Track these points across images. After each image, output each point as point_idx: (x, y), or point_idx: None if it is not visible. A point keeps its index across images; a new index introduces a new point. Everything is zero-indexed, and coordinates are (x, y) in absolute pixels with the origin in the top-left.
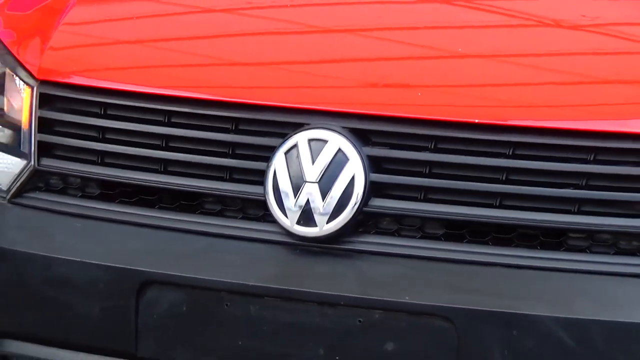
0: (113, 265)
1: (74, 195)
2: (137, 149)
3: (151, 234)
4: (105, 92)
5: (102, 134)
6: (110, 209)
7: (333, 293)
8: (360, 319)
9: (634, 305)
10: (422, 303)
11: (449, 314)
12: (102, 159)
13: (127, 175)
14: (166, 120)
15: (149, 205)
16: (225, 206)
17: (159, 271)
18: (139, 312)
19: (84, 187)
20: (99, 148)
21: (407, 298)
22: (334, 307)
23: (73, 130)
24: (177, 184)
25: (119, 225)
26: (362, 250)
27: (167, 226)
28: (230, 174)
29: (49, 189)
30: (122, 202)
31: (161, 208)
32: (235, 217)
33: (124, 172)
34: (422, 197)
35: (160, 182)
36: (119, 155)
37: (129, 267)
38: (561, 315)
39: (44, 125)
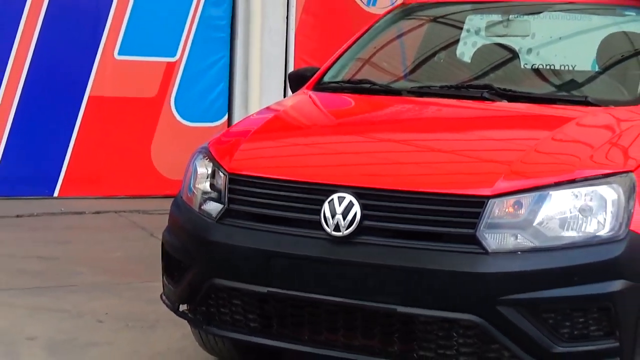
0: (258, 247)
1: (242, 219)
2: (267, 200)
3: (272, 235)
4: (255, 177)
5: (253, 195)
6: (255, 224)
7: (347, 259)
8: (362, 271)
9: (461, 262)
10: (383, 263)
11: (396, 269)
12: (253, 204)
13: (262, 211)
14: (278, 187)
15: (271, 223)
16: (303, 224)
17: (276, 250)
18: (269, 267)
19: (246, 216)
20: (252, 200)
21: (378, 261)
22: (349, 265)
23: (242, 193)
24: (284, 215)
25: (259, 231)
26: (360, 242)
27: (279, 232)
28: (305, 211)
29: (232, 217)
30: (261, 222)
31: (276, 224)
32: (308, 229)
33: (261, 209)
34: (384, 220)
35: (277, 214)
36: (259, 203)
37: (264, 248)
38: (439, 268)
39: (230, 191)
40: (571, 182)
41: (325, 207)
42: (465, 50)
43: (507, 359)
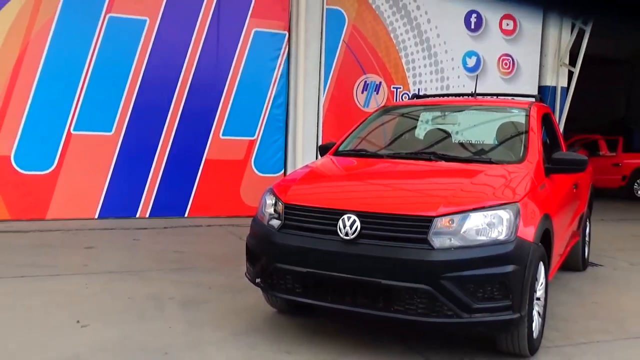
0: (301, 245)
1: (292, 230)
2: (306, 219)
3: (309, 238)
4: (300, 205)
5: (299, 216)
6: (300, 232)
7: (352, 253)
8: (361, 259)
9: (418, 254)
10: (374, 255)
11: (381, 258)
12: (298, 221)
13: (303, 225)
14: (313, 211)
15: (308, 231)
16: (327, 232)
17: (312, 247)
18: (307, 257)
19: (294, 227)
20: (298, 218)
21: (371, 253)
22: (353, 256)
23: (292, 214)
24: (316, 227)
25: (302, 236)
26: (360, 243)
27: (313, 237)
28: (328, 225)
29: (286, 228)
30: (302, 231)
31: (311, 232)
32: (329, 235)
33: (303, 224)
34: (374, 230)
35: (312, 227)
36: (302, 220)
37: (305, 246)
38: (406, 258)
39: (285, 213)
40: (482, 208)
41: (340, 222)
42: (420, 132)
43: (446, 311)
